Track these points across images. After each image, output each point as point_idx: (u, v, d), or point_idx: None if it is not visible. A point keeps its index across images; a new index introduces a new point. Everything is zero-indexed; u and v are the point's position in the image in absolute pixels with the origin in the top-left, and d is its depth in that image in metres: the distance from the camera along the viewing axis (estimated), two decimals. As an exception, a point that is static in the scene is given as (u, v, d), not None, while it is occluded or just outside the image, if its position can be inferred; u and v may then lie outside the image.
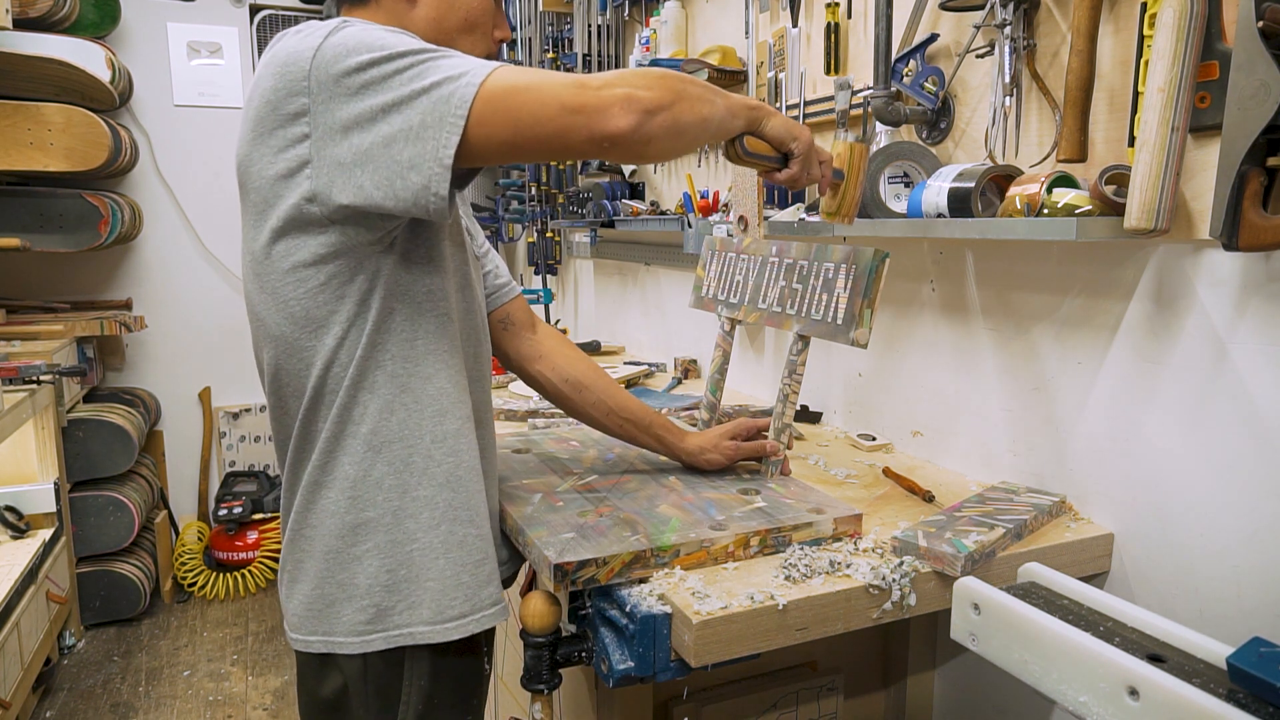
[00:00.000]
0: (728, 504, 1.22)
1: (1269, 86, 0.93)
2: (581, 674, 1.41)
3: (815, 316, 1.33)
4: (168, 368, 3.67)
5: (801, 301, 1.36)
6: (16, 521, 2.55)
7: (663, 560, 1.07)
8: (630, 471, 1.38)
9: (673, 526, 1.13)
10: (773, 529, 1.14)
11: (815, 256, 1.36)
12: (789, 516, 1.17)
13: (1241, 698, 0.71)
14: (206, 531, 3.59)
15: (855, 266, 1.27)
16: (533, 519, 1.17)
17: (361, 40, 0.90)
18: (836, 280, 1.30)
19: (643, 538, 1.09)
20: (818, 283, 1.33)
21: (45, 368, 2.54)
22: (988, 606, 0.89)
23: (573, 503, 1.23)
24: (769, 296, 1.44)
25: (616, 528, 1.13)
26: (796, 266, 1.39)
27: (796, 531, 1.15)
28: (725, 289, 1.56)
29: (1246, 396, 1.07)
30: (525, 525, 1.15)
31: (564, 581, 1.04)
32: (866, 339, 1.24)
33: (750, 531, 1.12)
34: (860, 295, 1.25)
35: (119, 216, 3.08)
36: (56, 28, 3.04)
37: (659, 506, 1.21)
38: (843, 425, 1.82)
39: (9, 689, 2.17)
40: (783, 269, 1.43)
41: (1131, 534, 1.23)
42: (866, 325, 1.24)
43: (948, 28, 1.46)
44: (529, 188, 3.06)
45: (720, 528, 1.13)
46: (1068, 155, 1.18)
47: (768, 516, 1.17)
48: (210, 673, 2.79)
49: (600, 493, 1.28)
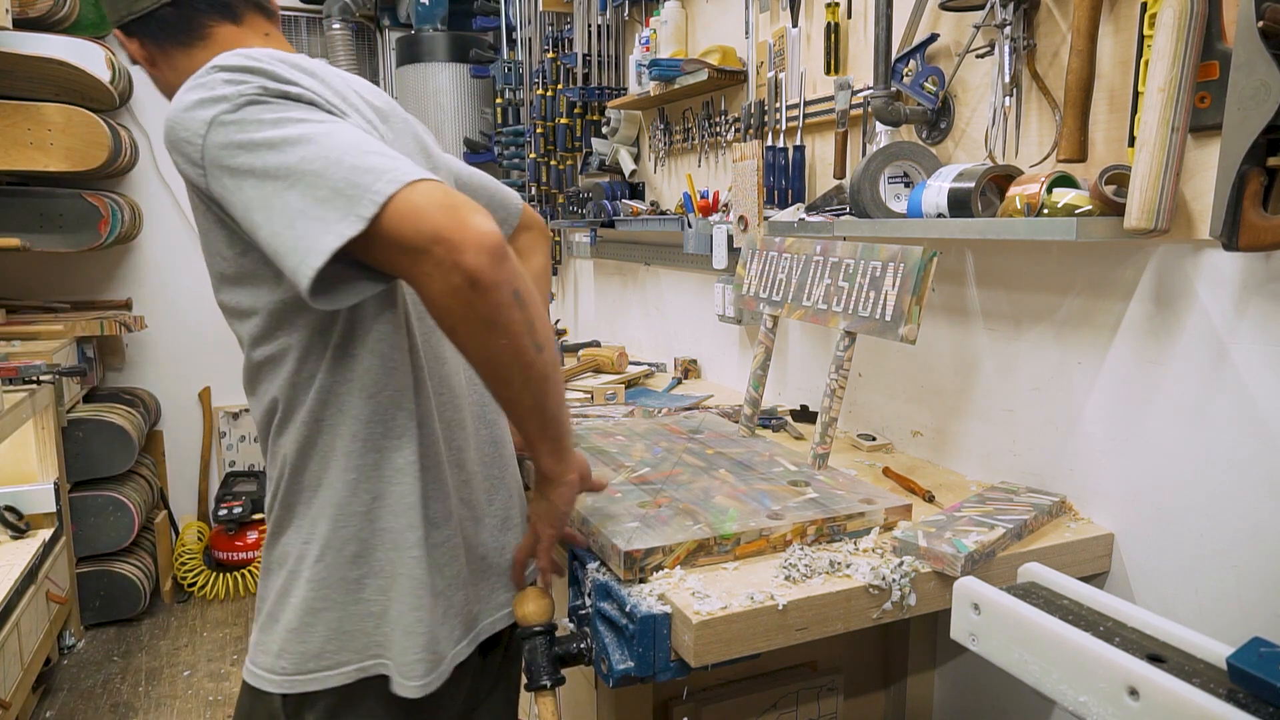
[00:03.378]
0: (780, 495, 1.25)
1: (1269, 86, 0.93)
2: (581, 674, 1.41)
3: (863, 314, 1.35)
4: (168, 368, 3.67)
5: (848, 299, 1.39)
6: (16, 521, 2.55)
7: (725, 548, 1.10)
8: (680, 465, 1.40)
9: (731, 516, 1.16)
10: (828, 518, 1.16)
11: (862, 255, 1.39)
12: (842, 507, 1.20)
13: (1241, 698, 0.71)
14: (206, 531, 3.59)
15: (904, 264, 1.29)
16: (595, 509, 1.19)
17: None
18: (884, 278, 1.32)
19: (704, 526, 1.12)
20: (864, 280, 1.36)
21: (45, 368, 2.54)
22: (988, 606, 0.89)
23: (630, 494, 1.25)
24: (813, 294, 1.47)
25: (678, 517, 1.16)
26: (843, 265, 1.42)
27: (850, 521, 1.18)
28: (767, 287, 1.59)
29: (1246, 396, 1.07)
30: (589, 515, 1.17)
31: (633, 569, 1.06)
32: (915, 335, 1.27)
33: (807, 521, 1.15)
34: (909, 292, 1.28)
35: (119, 216, 3.08)
36: (56, 28, 3.04)
37: (714, 497, 1.24)
38: (843, 425, 1.82)
39: (9, 689, 2.17)
40: (828, 267, 1.45)
41: (1131, 534, 1.23)
42: (915, 321, 1.27)
43: (948, 28, 1.46)
44: (529, 188, 3.06)
45: (777, 517, 1.16)
46: (1068, 155, 1.17)
47: (822, 507, 1.20)
48: (210, 673, 2.79)
49: (655, 484, 1.30)
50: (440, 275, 0.80)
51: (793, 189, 1.84)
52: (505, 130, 3.18)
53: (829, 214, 1.60)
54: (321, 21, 3.60)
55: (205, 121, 0.86)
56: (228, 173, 0.86)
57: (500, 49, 3.29)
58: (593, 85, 2.69)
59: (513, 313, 0.83)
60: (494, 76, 3.28)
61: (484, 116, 3.44)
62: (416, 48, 3.38)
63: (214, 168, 0.87)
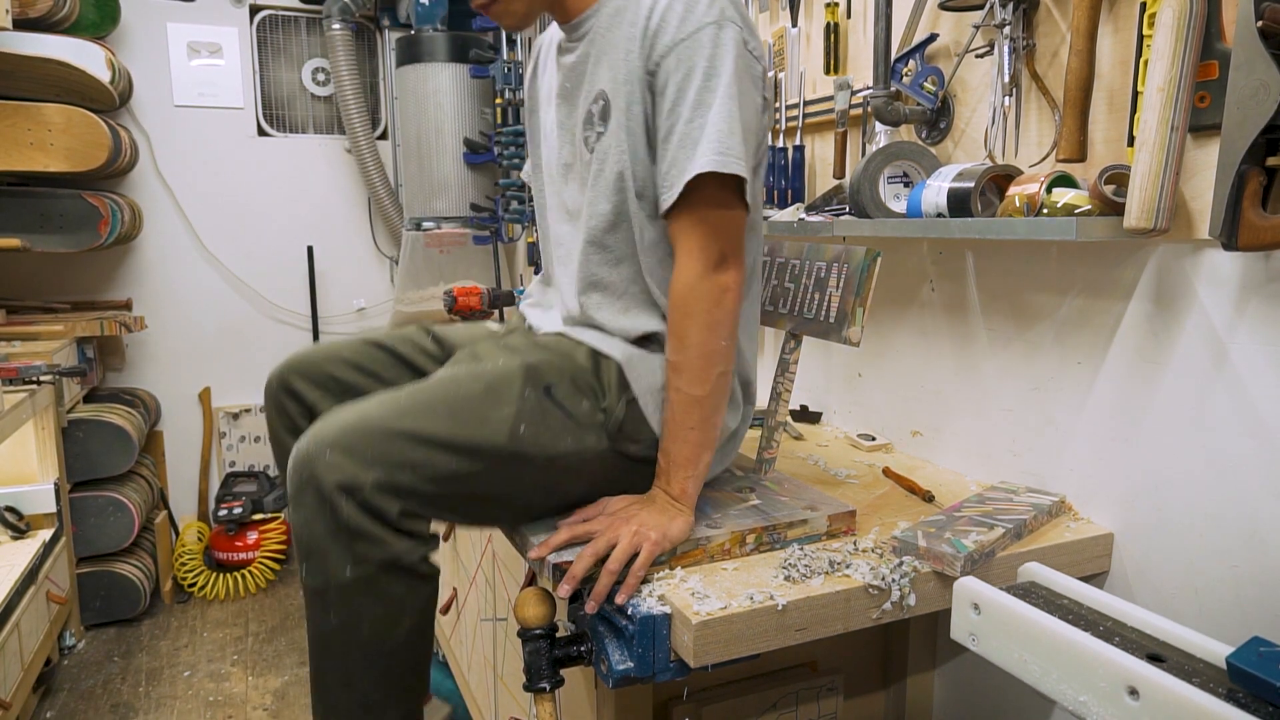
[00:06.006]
0: (722, 502, 1.22)
1: (1268, 86, 0.93)
2: (581, 674, 1.41)
3: (808, 315, 1.33)
4: (168, 368, 3.66)
5: (793, 300, 1.37)
6: (16, 522, 2.55)
7: (660, 559, 1.07)
8: None
9: None
10: (768, 526, 1.14)
11: (807, 256, 1.36)
12: (784, 514, 1.17)
13: (1241, 697, 0.71)
14: (206, 532, 3.59)
15: (847, 265, 1.27)
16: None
17: None
18: (829, 279, 1.30)
19: None
20: (809, 281, 1.34)
21: (45, 368, 2.54)
22: (988, 606, 0.89)
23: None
24: (762, 295, 1.44)
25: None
26: (788, 266, 1.40)
27: (791, 529, 1.15)
28: None
29: (1246, 396, 1.07)
30: (521, 525, 1.15)
31: (564, 579, 1.03)
32: (859, 337, 1.25)
33: (746, 529, 1.13)
34: (852, 293, 1.25)
35: (119, 217, 3.08)
36: (56, 28, 3.04)
37: None
38: (843, 425, 1.82)
39: (9, 689, 2.17)
40: (774, 268, 1.43)
41: (1131, 534, 1.23)
42: (859, 323, 1.25)
43: (947, 28, 1.46)
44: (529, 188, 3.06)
45: (715, 525, 1.13)
46: (1067, 155, 1.17)
47: (763, 514, 1.17)
48: (210, 673, 2.78)
49: None
50: None
51: (792, 189, 1.84)
52: (505, 130, 3.18)
53: (828, 214, 1.60)
54: (321, 21, 3.59)
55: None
56: None
57: (500, 49, 3.29)
58: (592, 85, 2.68)
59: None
60: (494, 76, 3.28)
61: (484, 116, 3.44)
62: (416, 48, 3.38)
63: None
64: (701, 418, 1.11)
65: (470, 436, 1.07)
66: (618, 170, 1.17)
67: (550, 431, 1.12)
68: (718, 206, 1.11)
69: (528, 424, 1.10)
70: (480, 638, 2.07)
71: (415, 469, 1.04)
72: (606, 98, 1.17)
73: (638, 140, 1.15)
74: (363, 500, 1.02)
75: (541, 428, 1.11)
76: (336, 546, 1.02)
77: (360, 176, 3.78)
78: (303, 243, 3.80)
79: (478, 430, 1.08)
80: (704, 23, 1.09)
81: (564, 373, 1.16)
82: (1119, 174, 1.11)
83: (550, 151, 1.33)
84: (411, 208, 3.54)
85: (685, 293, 1.11)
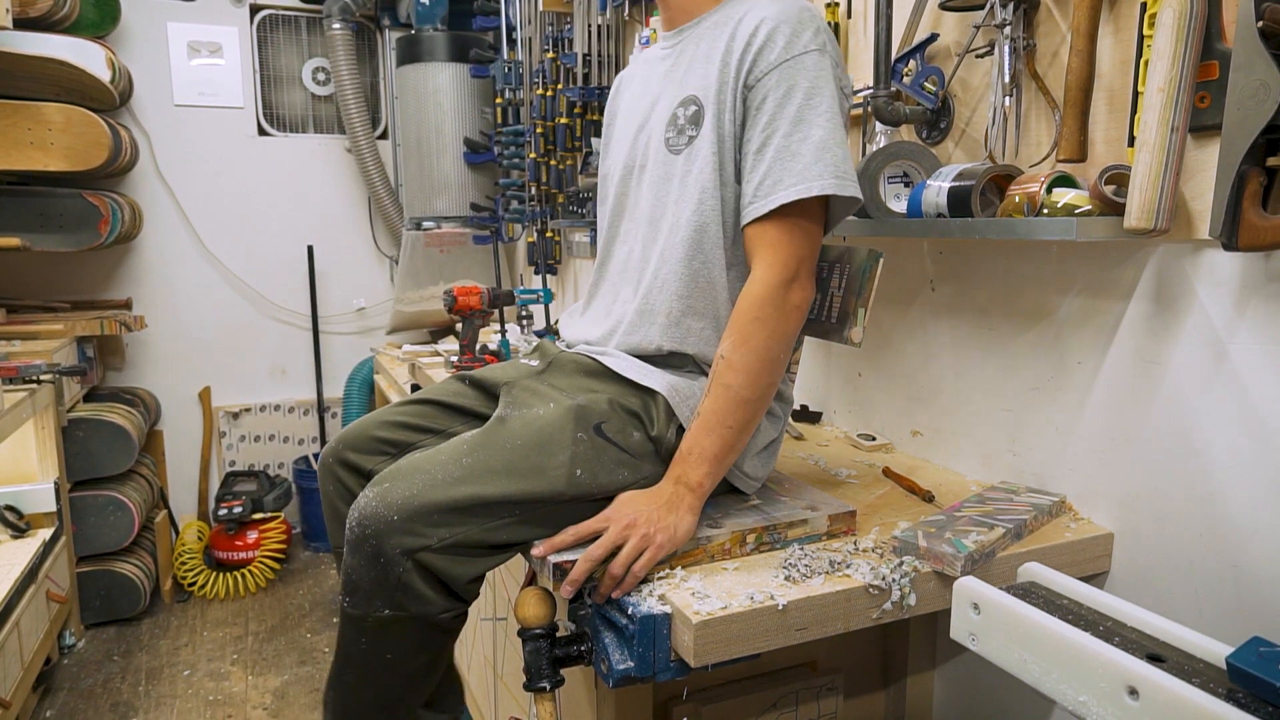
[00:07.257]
0: (723, 502, 1.22)
1: (1268, 86, 0.93)
2: (581, 674, 1.41)
3: (809, 315, 1.33)
4: (168, 368, 3.67)
5: None
6: (16, 521, 2.55)
7: (660, 559, 1.07)
8: None
9: None
10: (768, 526, 1.14)
11: None
12: (784, 514, 1.17)
13: (1241, 697, 0.71)
14: (206, 531, 3.59)
15: (849, 266, 1.27)
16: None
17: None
18: (830, 279, 1.30)
19: None
20: None
21: (45, 367, 2.54)
22: (987, 606, 0.89)
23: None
24: None
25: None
26: None
27: (792, 528, 1.15)
28: None
29: (1246, 396, 1.07)
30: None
31: (564, 581, 1.04)
32: (861, 337, 1.25)
33: (746, 529, 1.13)
34: (854, 294, 1.25)
35: (119, 216, 3.08)
36: (56, 28, 3.04)
37: None
38: (843, 425, 1.83)
39: (9, 688, 2.17)
40: None
41: (1131, 534, 1.23)
42: (861, 324, 1.25)
43: (948, 28, 1.46)
44: (529, 187, 3.06)
45: (716, 525, 1.13)
46: (1067, 155, 1.17)
47: (763, 514, 1.17)
48: (210, 672, 2.79)
49: None
50: None
51: (793, 189, 1.84)
52: (505, 130, 3.18)
53: (829, 214, 1.60)
54: (321, 21, 3.60)
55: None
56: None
57: (500, 49, 3.29)
58: (593, 85, 2.69)
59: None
60: (494, 76, 3.28)
61: (484, 116, 3.44)
62: (416, 48, 3.38)
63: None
64: (743, 419, 1.12)
65: (530, 490, 1.09)
66: (702, 173, 1.20)
67: (606, 469, 1.14)
68: (807, 224, 1.15)
69: (584, 467, 1.12)
70: (480, 637, 2.07)
71: (477, 530, 1.08)
72: (699, 102, 1.21)
73: (725, 149, 1.19)
74: (421, 563, 1.06)
75: (597, 467, 1.13)
76: (383, 593, 1.08)
77: (360, 176, 3.79)
78: (303, 242, 3.80)
79: (537, 483, 1.10)
80: (809, 48, 1.14)
81: (613, 405, 1.18)
82: (1119, 174, 1.11)
83: (620, 155, 1.37)
84: (411, 207, 3.54)
85: (760, 299, 1.13)
